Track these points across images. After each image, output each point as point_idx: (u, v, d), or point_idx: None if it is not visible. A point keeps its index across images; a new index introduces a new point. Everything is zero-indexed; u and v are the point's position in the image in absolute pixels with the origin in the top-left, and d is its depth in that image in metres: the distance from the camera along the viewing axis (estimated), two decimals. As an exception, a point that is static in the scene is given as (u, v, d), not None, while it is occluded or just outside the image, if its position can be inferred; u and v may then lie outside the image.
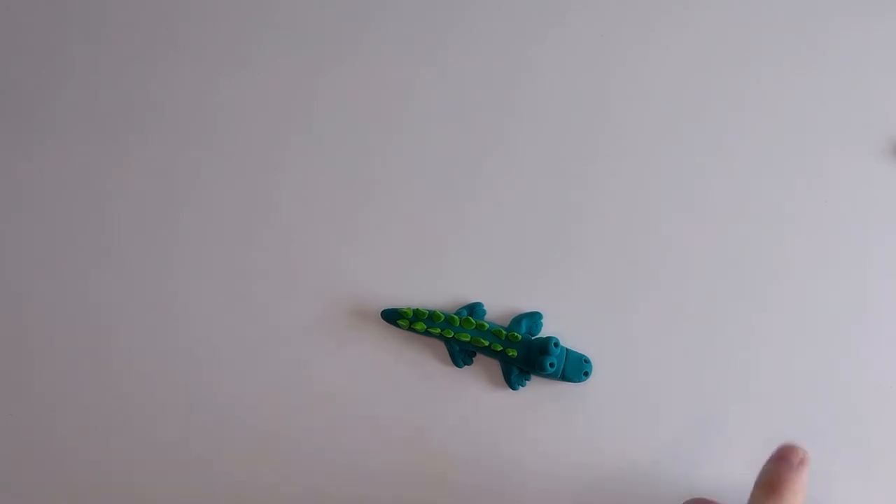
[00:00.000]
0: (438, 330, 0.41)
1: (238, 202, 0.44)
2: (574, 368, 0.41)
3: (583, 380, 0.41)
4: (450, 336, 0.41)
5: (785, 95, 0.43)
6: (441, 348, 0.42)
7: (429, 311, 0.41)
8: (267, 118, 0.45)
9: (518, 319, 0.42)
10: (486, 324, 0.41)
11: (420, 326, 0.41)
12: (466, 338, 0.41)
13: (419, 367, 0.42)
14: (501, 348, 0.40)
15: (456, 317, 0.41)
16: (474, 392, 0.42)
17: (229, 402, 0.42)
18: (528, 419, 0.42)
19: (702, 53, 0.44)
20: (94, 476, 0.43)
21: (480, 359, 0.42)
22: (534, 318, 0.42)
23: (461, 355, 0.42)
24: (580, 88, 0.44)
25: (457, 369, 0.42)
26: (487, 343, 0.41)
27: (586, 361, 0.41)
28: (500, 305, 0.42)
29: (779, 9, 0.44)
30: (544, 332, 0.42)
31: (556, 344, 0.40)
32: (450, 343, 0.41)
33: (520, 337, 0.41)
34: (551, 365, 0.40)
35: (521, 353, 0.41)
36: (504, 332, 0.41)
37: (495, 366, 0.42)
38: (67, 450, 0.43)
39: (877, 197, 0.43)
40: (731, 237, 0.42)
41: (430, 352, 0.42)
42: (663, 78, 0.44)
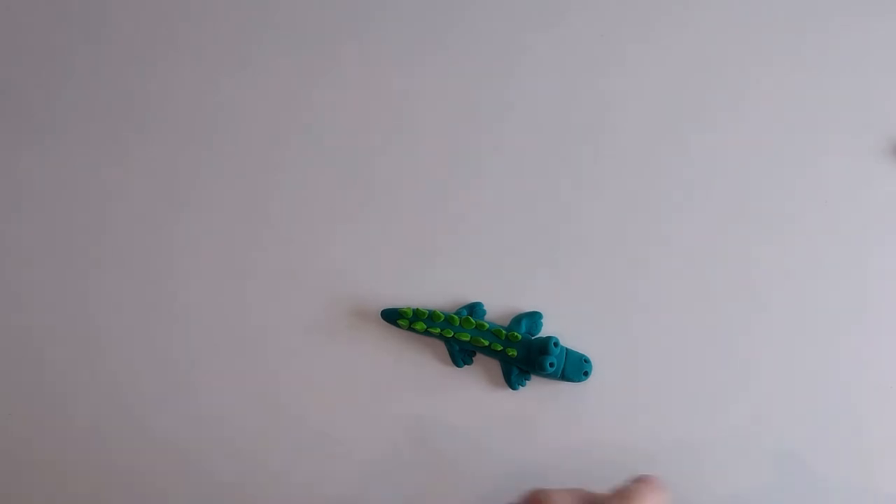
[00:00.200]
0: (438, 330, 0.41)
1: (238, 202, 0.44)
2: (574, 368, 0.41)
3: (583, 380, 0.41)
4: (450, 336, 0.41)
5: (785, 95, 0.43)
6: (441, 348, 0.42)
7: (429, 311, 0.41)
8: (267, 118, 0.45)
9: (518, 319, 0.42)
10: (486, 324, 0.41)
11: (420, 326, 0.41)
12: (466, 337, 0.41)
13: (419, 367, 0.42)
14: (501, 348, 0.40)
15: (456, 317, 0.41)
16: (474, 392, 0.42)
17: (229, 402, 0.42)
18: (528, 419, 0.42)
19: (702, 53, 0.44)
20: (93, 476, 0.43)
21: (480, 359, 0.42)
22: (534, 318, 0.42)
23: (461, 355, 0.42)
24: (580, 88, 0.44)
25: (457, 369, 0.42)
26: (487, 343, 0.41)
27: (586, 361, 0.41)
28: (500, 305, 0.42)
29: (779, 9, 0.44)
30: (544, 332, 0.42)
31: (556, 344, 0.40)
32: (450, 343, 0.41)
33: (520, 337, 0.41)
34: (551, 365, 0.40)
35: (521, 353, 0.41)
36: (504, 332, 0.41)
37: (495, 366, 0.42)
38: (67, 449, 0.43)
39: (877, 197, 0.43)
40: (732, 237, 0.42)
41: (430, 352, 0.42)
42: (663, 78, 0.44)
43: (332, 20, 0.45)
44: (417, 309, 0.41)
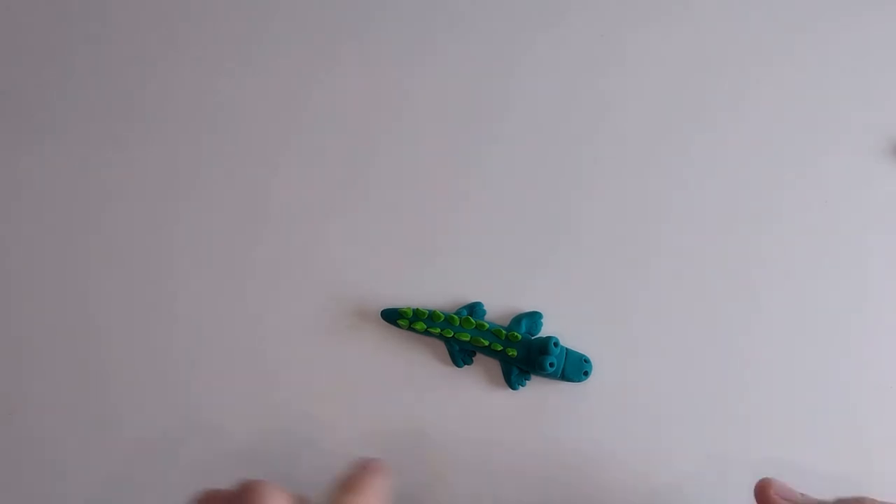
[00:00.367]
0: (438, 330, 0.41)
1: (238, 202, 0.44)
2: (574, 368, 0.41)
3: (583, 380, 0.41)
4: (450, 336, 0.41)
5: (785, 95, 0.43)
6: (441, 348, 0.42)
7: (429, 311, 0.41)
8: (267, 118, 0.45)
9: (518, 319, 0.42)
10: (486, 323, 0.41)
11: (420, 326, 0.41)
12: (466, 337, 0.41)
13: (419, 367, 0.42)
14: (501, 348, 0.40)
15: (456, 317, 0.41)
16: (474, 392, 0.42)
17: (229, 402, 0.42)
18: (528, 419, 0.42)
19: (702, 54, 0.44)
20: (92, 475, 0.43)
21: (480, 359, 0.42)
22: (534, 318, 0.42)
23: (461, 355, 0.42)
24: (580, 88, 0.44)
25: (457, 369, 0.42)
26: (487, 343, 0.41)
27: (586, 361, 0.41)
28: (500, 305, 0.42)
29: (779, 9, 0.44)
30: (544, 332, 0.42)
31: (556, 344, 0.40)
32: (450, 343, 0.41)
33: (520, 337, 0.41)
34: (551, 365, 0.40)
35: (521, 353, 0.41)
36: (504, 332, 0.41)
37: (495, 366, 0.42)
38: (66, 449, 0.43)
39: (877, 197, 0.43)
40: (731, 237, 0.42)
41: (430, 352, 0.42)
42: (663, 78, 0.44)
43: (332, 20, 0.45)
44: (417, 309, 0.41)
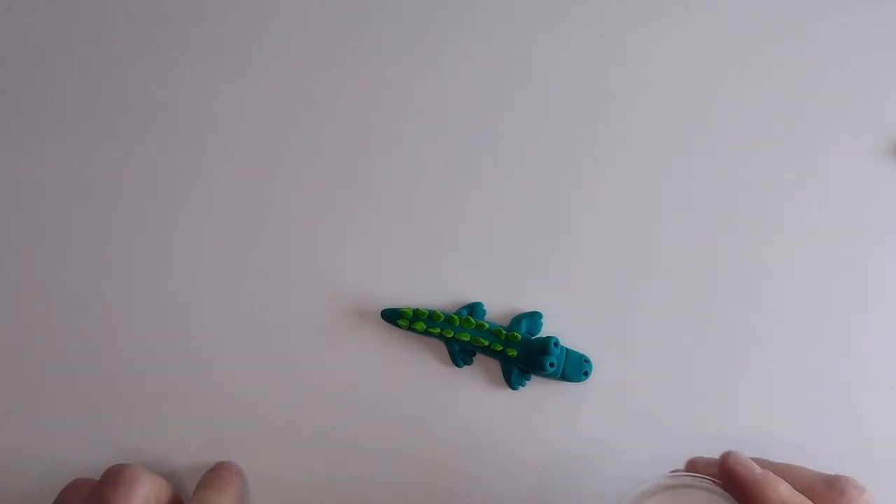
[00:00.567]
0: (438, 330, 0.41)
1: (238, 202, 0.44)
2: (574, 368, 0.41)
3: (583, 380, 0.41)
4: (450, 336, 0.41)
5: (785, 95, 0.43)
6: (441, 348, 0.42)
7: (429, 311, 0.41)
8: (267, 118, 0.45)
9: (518, 319, 0.42)
10: (486, 324, 0.41)
11: (420, 326, 0.41)
12: (466, 338, 0.41)
13: (419, 367, 0.42)
14: (501, 348, 0.40)
15: (456, 317, 0.41)
16: (474, 392, 0.42)
17: (229, 402, 0.42)
18: (528, 419, 0.42)
19: (702, 53, 0.44)
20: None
21: (480, 359, 0.42)
22: (534, 318, 0.42)
23: (461, 355, 0.42)
24: (580, 88, 0.44)
25: (457, 369, 0.42)
26: (487, 343, 0.41)
27: (586, 361, 0.41)
28: (500, 305, 0.42)
29: (779, 9, 0.44)
30: (544, 332, 0.42)
31: (556, 344, 0.40)
32: (450, 343, 0.41)
33: (520, 337, 0.41)
34: (551, 365, 0.40)
35: (521, 353, 0.41)
36: (504, 332, 0.41)
37: (495, 366, 0.42)
38: (65, 450, 0.43)
39: (877, 197, 0.43)
40: (731, 237, 0.42)
41: (430, 352, 0.42)
42: (663, 78, 0.44)
43: (333, 20, 0.45)
44: (417, 309, 0.41)
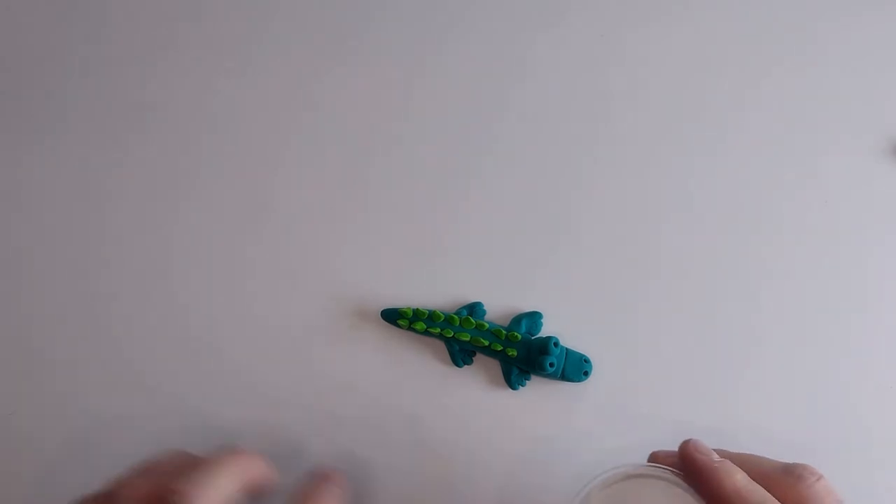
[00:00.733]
0: (438, 330, 0.41)
1: (238, 202, 0.44)
2: (574, 368, 0.41)
3: (583, 380, 0.41)
4: (450, 336, 0.41)
5: (785, 95, 0.44)
6: (441, 348, 0.42)
7: (429, 311, 0.41)
8: (267, 118, 0.45)
9: (518, 319, 0.42)
10: (486, 324, 0.41)
11: (420, 326, 0.41)
12: (466, 337, 0.41)
13: (419, 367, 0.42)
14: (501, 348, 0.40)
15: (456, 317, 0.41)
16: (474, 392, 0.42)
17: (228, 402, 0.42)
18: (528, 419, 0.42)
19: (702, 53, 0.44)
20: (90, 473, 0.43)
21: (480, 359, 0.42)
22: (534, 318, 0.42)
23: (461, 355, 0.42)
24: (580, 88, 0.44)
25: (457, 369, 0.42)
26: (487, 343, 0.41)
27: (586, 361, 0.41)
28: (500, 305, 0.42)
29: (778, 9, 0.44)
30: (544, 332, 0.42)
31: (556, 344, 0.40)
32: (450, 343, 0.41)
33: (520, 337, 0.41)
34: (551, 365, 0.40)
35: (521, 353, 0.41)
36: (504, 332, 0.41)
37: (495, 366, 0.42)
38: (65, 450, 0.43)
39: (877, 197, 0.43)
40: (731, 237, 0.42)
41: (430, 352, 0.42)
42: (663, 78, 0.44)
43: (332, 20, 0.45)
44: (417, 309, 0.41)
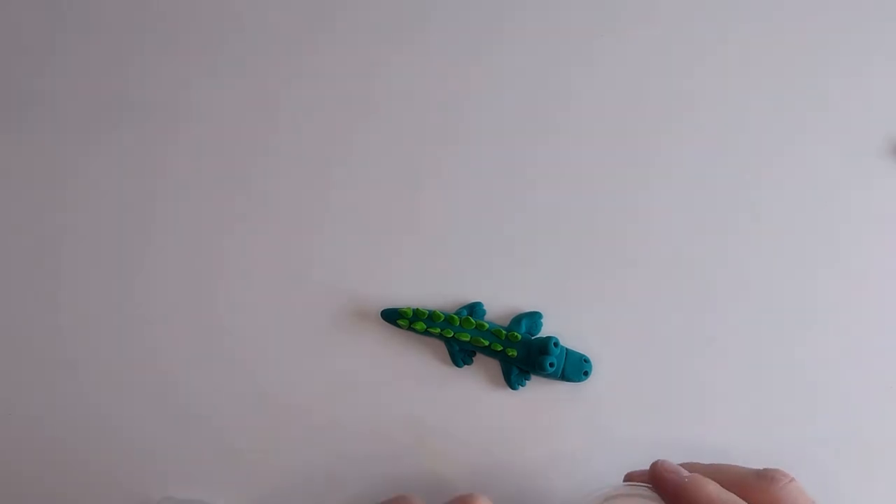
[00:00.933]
0: (438, 330, 0.41)
1: (237, 202, 0.44)
2: (574, 368, 0.41)
3: (583, 380, 0.41)
4: (450, 336, 0.41)
5: (785, 95, 0.43)
6: (441, 348, 0.42)
7: (429, 311, 0.41)
8: (267, 117, 0.45)
9: (518, 319, 0.42)
10: (486, 324, 0.41)
11: (420, 326, 0.41)
12: (466, 338, 0.41)
13: (419, 367, 0.42)
14: (501, 348, 0.40)
15: (456, 317, 0.41)
16: (474, 392, 0.42)
17: (228, 402, 0.42)
18: (528, 419, 0.42)
19: (701, 52, 0.44)
20: (90, 479, 0.43)
21: (480, 359, 0.42)
22: (534, 318, 0.42)
23: (461, 355, 0.42)
24: (580, 88, 0.44)
25: (457, 369, 0.42)
26: (487, 343, 0.41)
27: (586, 361, 0.41)
28: (500, 305, 0.42)
29: (778, 8, 0.44)
30: (544, 332, 0.42)
31: (556, 344, 0.40)
32: (450, 343, 0.41)
33: (520, 337, 0.41)
34: (551, 365, 0.40)
35: (521, 353, 0.41)
36: (504, 332, 0.41)
37: (495, 366, 0.42)
38: (63, 450, 0.43)
39: (877, 197, 0.43)
40: (731, 237, 0.42)
41: (430, 352, 0.42)
42: (662, 78, 0.44)
43: (331, 16, 0.45)
44: (417, 309, 0.41)
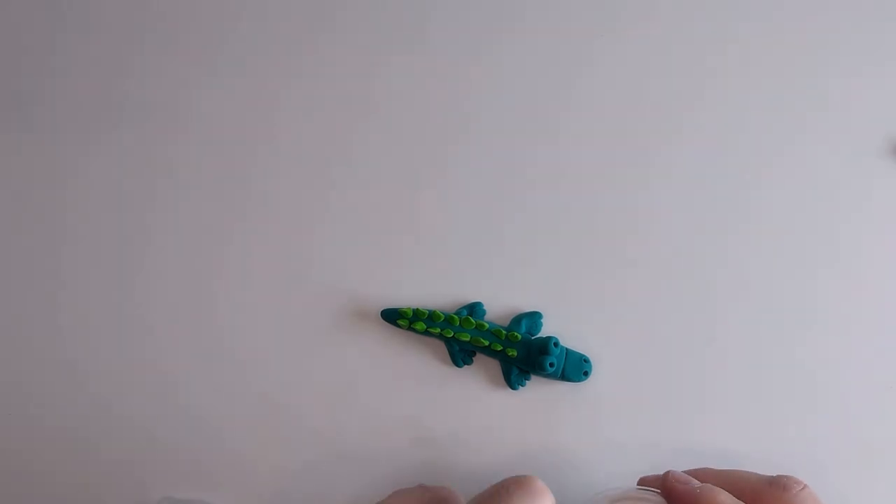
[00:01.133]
0: (438, 330, 0.41)
1: (237, 202, 0.44)
2: (574, 368, 0.41)
3: (583, 380, 0.41)
4: (450, 336, 0.41)
5: (784, 95, 0.43)
6: (441, 348, 0.42)
7: (429, 311, 0.41)
8: (266, 117, 0.45)
9: (518, 319, 0.42)
10: (486, 324, 0.41)
11: (420, 326, 0.41)
12: (466, 337, 0.41)
13: (419, 367, 0.42)
14: (501, 348, 0.40)
15: (456, 317, 0.41)
16: (474, 392, 0.42)
17: (228, 402, 0.42)
18: (528, 419, 0.42)
19: (701, 52, 0.44)
20: (88, 478, 0.43)
21: (480, 358, 0.42)
22: (534, 318, 0.42)
23: (461, 355, 0.42)
24: (579, 88, 0.44)
25: (457, 369, 0.42)
26: (487, 343, 0.41)
27: (586, 361, 0.41)
28: (500, 305, 0.42)
29: (778, 8, 0.44)
30: (544, 332, 0.42)
31: (556, 344, 0.40)
32: (450, 343, 0.41)
33: (520, 337, 0.41)
34: (551, 365, 0.40)
35: (521, 353, 0.41)
36: (504, 332, 0.41)
37: (495, 366, 0.42)
38: (63, 449, 0.43)
39: (877, 197, 0.43)
40: (731, 237, 0.42)
41: (430, 352, 0.42)
42: (661, 78, 0.44)
43: (331, 16, 0.45)
44: (417, 309, 0.41)
